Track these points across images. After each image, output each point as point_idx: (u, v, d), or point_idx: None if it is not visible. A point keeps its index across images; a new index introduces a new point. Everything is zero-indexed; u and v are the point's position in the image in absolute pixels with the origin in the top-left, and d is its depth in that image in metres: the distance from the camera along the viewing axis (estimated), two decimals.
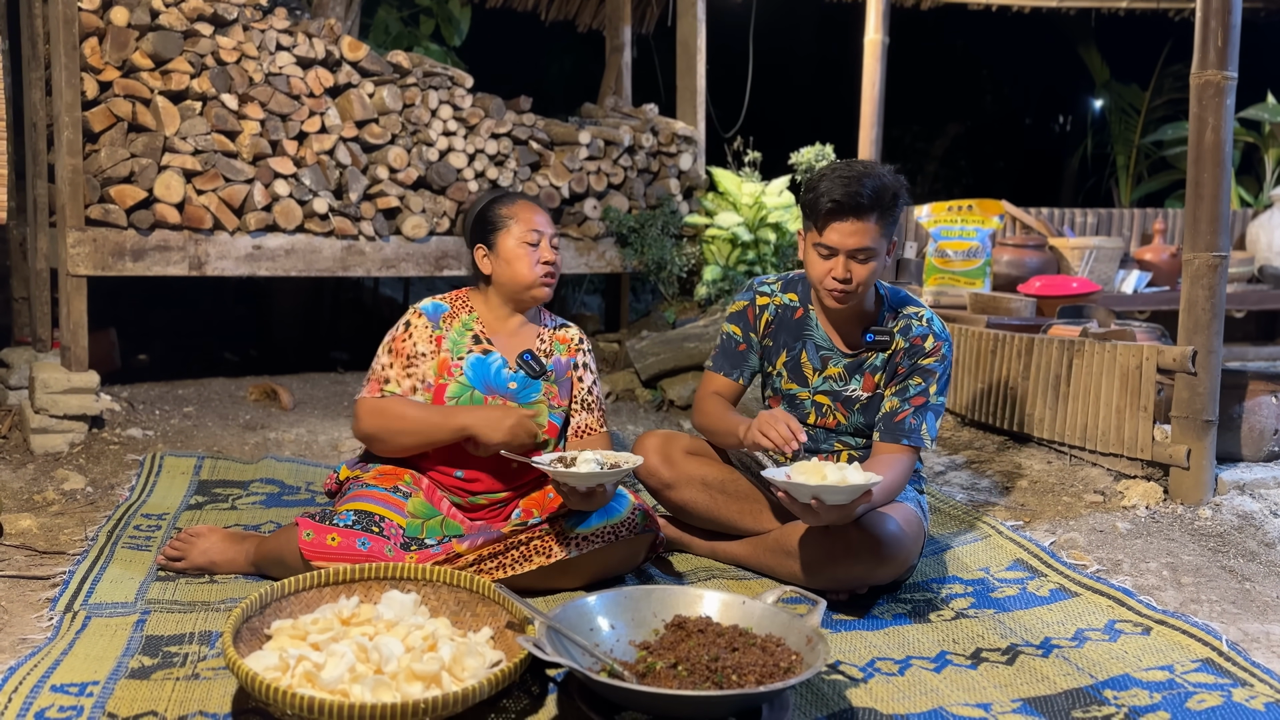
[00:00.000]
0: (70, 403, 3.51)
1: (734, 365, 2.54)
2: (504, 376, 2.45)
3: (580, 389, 2.55)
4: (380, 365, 2.45)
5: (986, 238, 4.74)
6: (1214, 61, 2.82)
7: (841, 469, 2.06)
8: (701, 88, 5.69)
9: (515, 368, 2.47)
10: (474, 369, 2.43)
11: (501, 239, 2.45)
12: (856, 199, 2.22)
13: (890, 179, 2.27)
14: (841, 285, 2.29)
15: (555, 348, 2.54)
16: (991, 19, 6.91)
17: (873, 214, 2.24)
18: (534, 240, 2.43)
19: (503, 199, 2.51)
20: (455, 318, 2.49)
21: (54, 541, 2.59)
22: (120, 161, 3.82)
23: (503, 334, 2.50)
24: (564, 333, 2.58)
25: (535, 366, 2.47)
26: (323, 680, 1.60)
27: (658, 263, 5.07)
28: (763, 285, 2.55)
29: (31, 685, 1.73)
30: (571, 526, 2.24)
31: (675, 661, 1.70)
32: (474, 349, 2.46)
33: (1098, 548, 2.63)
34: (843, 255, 2.27)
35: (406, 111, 4.53)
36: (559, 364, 2.53)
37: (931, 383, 2.37)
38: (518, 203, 2.49)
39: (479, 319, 2.50)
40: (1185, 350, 2.87)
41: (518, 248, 2.43)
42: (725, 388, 2.54)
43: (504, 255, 2.44)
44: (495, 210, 2.48)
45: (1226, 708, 1.79)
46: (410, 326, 2.46)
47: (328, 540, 2.15)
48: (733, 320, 2.55)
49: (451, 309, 2.50)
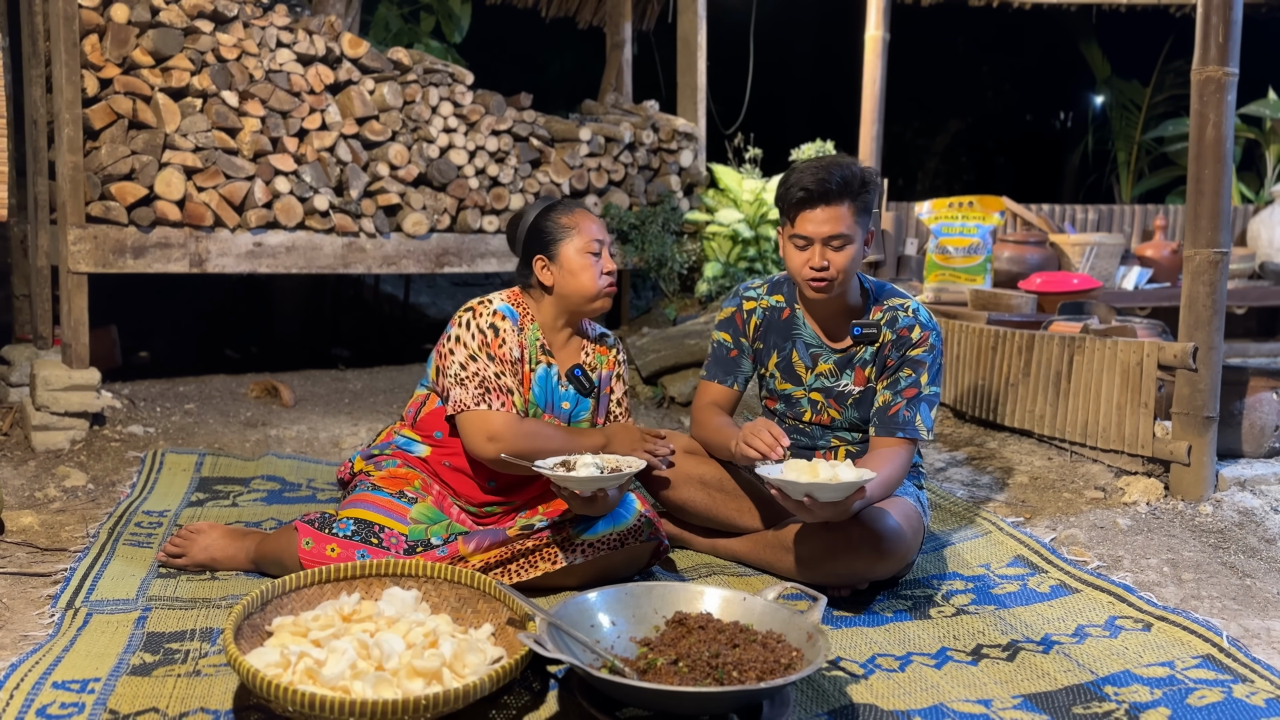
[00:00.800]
0: (71, 400, 3.52)
1: (727, 372, 2.54)
2: (560, 394, 2.39)
3: (612, 400, 2.52)
4: (491, 374, 2.28)
5: (987, 234, 4.74)
6: (1215, 57, 2.81)
7: (834, 466, 2.07)
8: (702, 84, 5.69)
9: (566, 385, 2.40)
10: (540, 383, 2.37)
11: (563, 249, 2.37)
12: (825, 185, 2.26)
13: (859, 168, 2.30)
14: (819, 273, 2.30)
15: (598, 360, 2.49)
16: (992, 15, 6.91)
17: (843, 200, 2.27)
18: (596, 250, 2.36)
19: (559, 207, 2.43)
20: (525, 325, 2.40)
21: (55, 538, 2.59)
22: (121, 158, 3.82)
23: (558, 345, 2.44)
24: (603, 344, 2.52)
25: (585, 384, 2.41)
26: (324, 677, 1.60)
27: (658, 259, 5.07)
28: (748, 290, 2.56)
29: (33, 682, 1.74)
30: (578, 533, 2.21)
31: (676, 658, 1.71)
32: (541, 360, 2.39)
33: (1098, 544, 2.63)
34: (818, 244, 2.29)
35: (407, 108, 4.53)
36: (602, 378, 2.48)
37: (922, 373, 2.37)
38: (577, 211, 2.41)
39: (541, 329, 2.42)
40: (1186, 346, 2.87)
41: (580, 258, 2.36)
42: (721, 396, 2.55)
43: (567, 266, 2.37)
44: (555, 219, 2.40)
45: (1227, 704, 1.79)
46: (500, 333, 2.33)
47: (327, 550, 2.14)
48: (722, 327, 2.56)
49: (520, 314, 2.39)
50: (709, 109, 5.83)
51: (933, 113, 10.88)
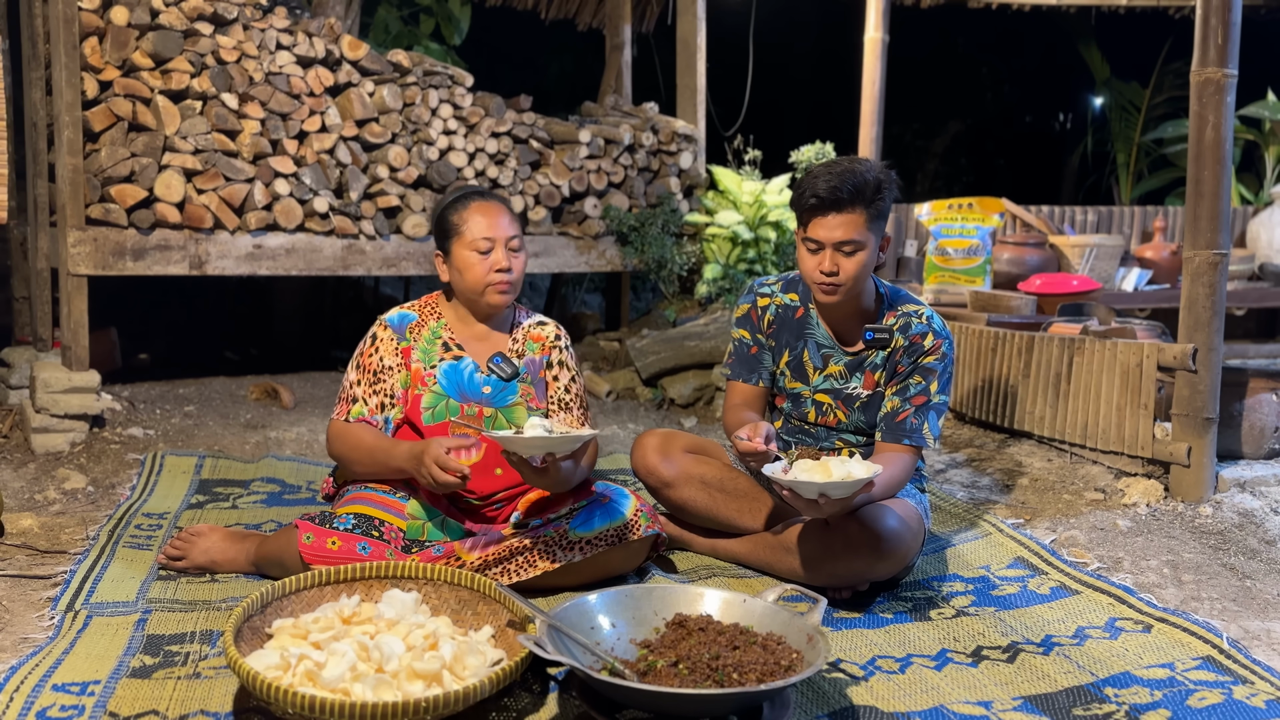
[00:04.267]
0: (71, 402, 3.51)
1: (750, 370, 2.53)
2: (477, 382, 2.40)
3: (556, 388, 2.48)
4: (348, 383, 2.38)
5: (987, 236, 4.74)
6: (1214, 59, 2.82)
7: (844, 463, 2.08)
8: (702, 86, 5.69)
9: (487, 371, 2.41)
10: (447, 376, 2.38)
11: (455, 246, 2.38)
12: (837, 193, 2.25)
13: (874, 173, 2.29)
14: (829, 279, 2.30)
15: (528, 347, 2.48)
16: (992, 16, 6.91)
17: (855, 207, 2.26)
18: (484, 249, 2.34)
19: (457, 202, 2.41)
20: (424, 326, 2.43)
21: (55, 541, 2.59)
22: (120, 161, 3.82)
23: (472, 338, 2.45)
24: (539, 330, 2.51)
25: (506, 369, 2.41)
26: (324, 679, 1.60)
27: (658, 261, 5.08)
28: (763, 286, 2.55)
29: (33, 684, 1.73)
30: (574, 530, 2.22)
31: (676, 660, 1.71)
32: (445, 356, 2.40)
33: (1098, 545, 2.63)
34: (829, 249, 2.29)
35: (407, 110, 4.53)
36: (532, 363, 2.47)
37: (932, 381, 2.37)
38: (470, 206, 2.39)
39: (447, 325, 2.44)
40: (1186, 348, 2.87)
41: (469, 255, 2.35)
42: (747, 395, 2.53)
43: (457, 263, 2.38)
44: (448, 216, 2.40)
45: (1227, 705, 1.79)
46: (376, 340, 2.39)
47: (328, 544, 2.15)
48: (740, 325, 2.56)
49: (420, 317, 2.44)
50: (708, 111, 5.83)
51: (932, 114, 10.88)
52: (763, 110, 6.87)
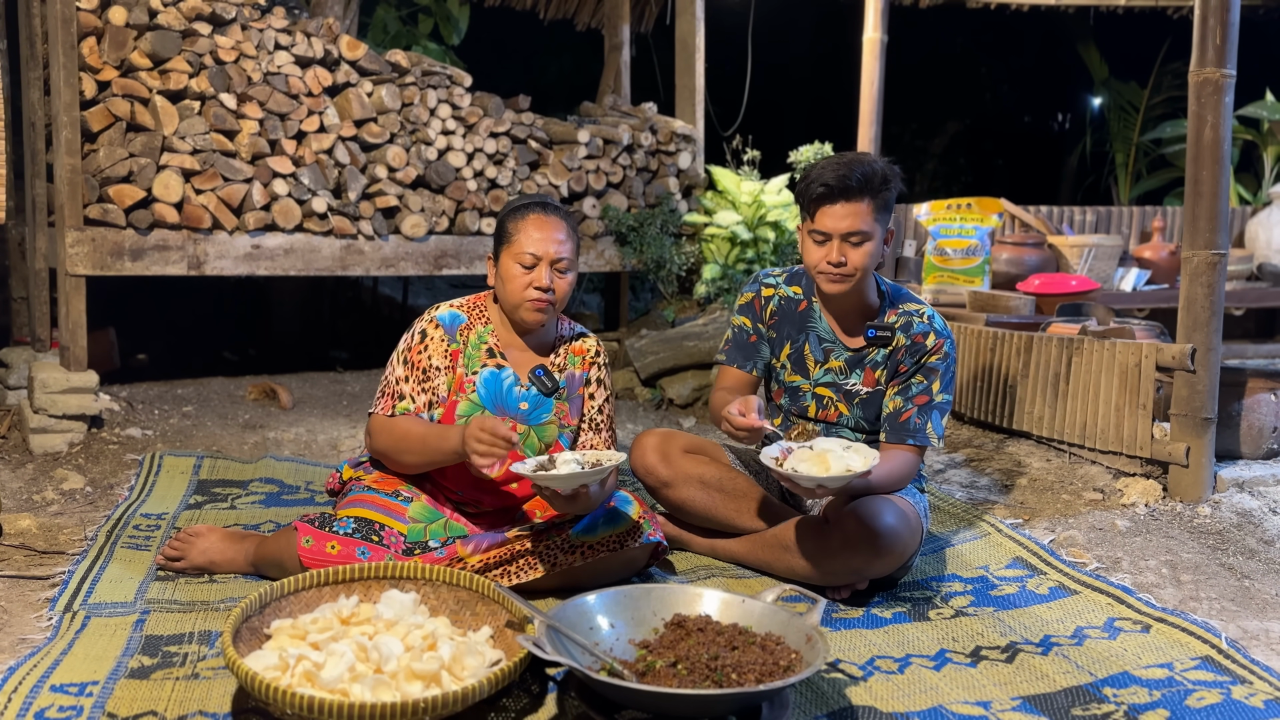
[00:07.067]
0: (69, 402, 3.51)
1: (746, 357, 2.54)
2: (515, 395, 2.35)
3: (591, 407, 2.44)
4: (395, 379, 2.34)
5: (985, 236, 4.74)
6: (1213, 59, 2.82)
7: (842, 455, 2.10)
8: (700, 86, 5.69)
9: (527, 385, 2.36)
10: (486, 385, 2.33)
11: (504, 254, 2.33)
12: (845, 182, 2.26)
13: (881, 165, 2.30)
14: (836, 269, 2.30)
15: (570, 360, 2.44)
16: (990, 17, 6.91)
17: (863, 197, 2.27)
18: (529, 263, 2.28)
19: (519, 209, 2.35)
20: (472, 329, 2.38)
21: (53, 541, 2.59)
22: (119, 161, 3.82)
23: (515, 347, 2.39)
24: (580, 343, 2.47)
25: (548, 383, 2.36)
26: (322, 680, 1.60)
27: (657, 261, 5.07)
28: (768, 277, 2.56)
29: (31, 685, 1.73)
30: (576, 534, 2.21)
31: (675, 660, 1.71)
32: (488, 363, 2.35)
33: (1097, 545, 2.63)
34: (836, 239, 2.29)
35: (405, 110, 4.53)
36: (572, 378, 2.43)
37: (934, 380, 2.38)
38: (528, 217, 2.32)
39: (494, 331, 2.39)
40: (1184, 348, 2.87)
41: (513, 267, 2.30)
42: (738, 380, 2.53)
43: (502, 271, 2.33)
44: (506, 221, 2.35)
45: (1226, 705, 1.79)
46: (426, 338, 2.34)
47: (327, 548, 2.14)
48: (741, 312, 2.56)
49: (469, 319, 2.38)
50: (707, 111, 5.83)
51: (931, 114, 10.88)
52: (762, 110, 6.87)
